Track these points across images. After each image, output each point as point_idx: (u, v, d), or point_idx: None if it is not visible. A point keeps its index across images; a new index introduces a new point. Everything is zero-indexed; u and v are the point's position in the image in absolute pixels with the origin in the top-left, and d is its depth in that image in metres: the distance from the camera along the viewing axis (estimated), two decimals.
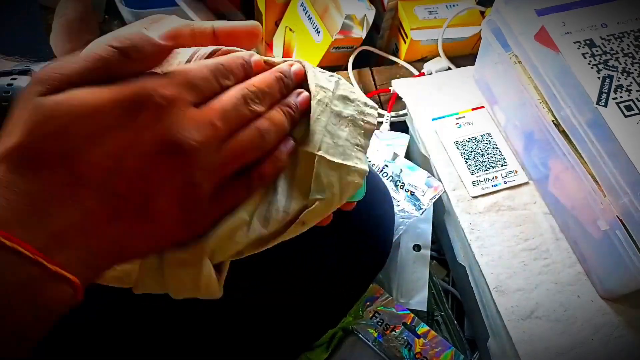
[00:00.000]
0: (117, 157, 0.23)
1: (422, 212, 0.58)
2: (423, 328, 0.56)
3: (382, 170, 0.61)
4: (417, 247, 0.60)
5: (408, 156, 0.76)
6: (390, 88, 0.77)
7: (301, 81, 0.33)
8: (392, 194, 0.58)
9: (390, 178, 0.60)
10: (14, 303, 0.21)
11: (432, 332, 0.56)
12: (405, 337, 0.54)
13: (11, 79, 0.35)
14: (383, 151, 0.63)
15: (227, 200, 0.28)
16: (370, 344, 0.54)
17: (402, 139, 0.69)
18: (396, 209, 0.56)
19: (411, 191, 0.59)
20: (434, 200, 0.59)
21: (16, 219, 0.21)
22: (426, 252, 0.60)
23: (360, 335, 0.54)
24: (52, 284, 0.21)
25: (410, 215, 0.57)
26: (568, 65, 0.50)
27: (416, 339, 0.55)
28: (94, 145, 0.23)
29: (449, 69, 0.78)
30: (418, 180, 0.60)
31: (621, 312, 0.50)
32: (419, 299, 0.58)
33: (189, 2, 0.84)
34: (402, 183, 0.60)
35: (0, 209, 0.21)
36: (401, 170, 0.61)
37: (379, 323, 0.55)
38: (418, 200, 0.58)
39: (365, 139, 0.33)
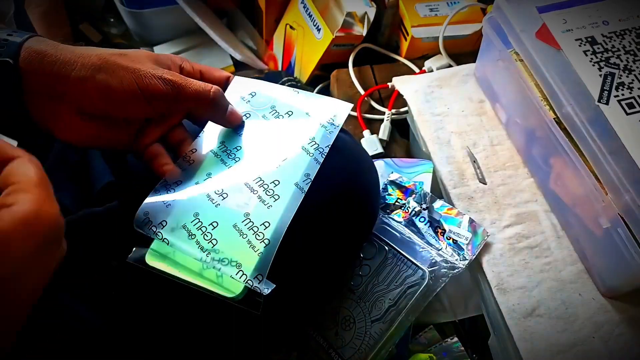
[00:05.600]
0: None
1: (468, 263, 0.52)
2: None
3: (419, 214, 0.56)
4: None
5: (411, 157, 0.76)
6: (389, 84, 0.77)
7: None
8: (432, 241, 0.54)
9: (429, 223, 0.56)
10: None
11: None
12: None
13: (7, 35, 0.35)
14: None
15: None
16: None
17: (424, 166, 0.62)
18: (438, 259, 0.52)
19: (453, 239, 0.54)
20: (479, 249, 0.53)
21: None
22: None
23: None
24: None
25: (454, 266, 0.52)
26: (569, 62, 0.49)
27: None
28: None
29: (450, 66, 0.78)
30: (459, 224, 0.55)
31: (623, 310, 0.50)
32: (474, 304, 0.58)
33: (189, 1, 0.84)
34: (443, 230, 0.55)
35: None
36: (441, 215, 0.56)
37: None
38: (462, 250, 0.53)
39: None
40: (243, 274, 0.37)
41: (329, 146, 0.43)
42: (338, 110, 0.46)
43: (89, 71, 0.35)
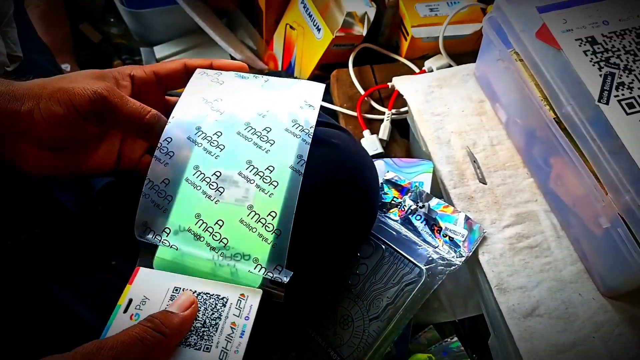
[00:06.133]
0: None
1: (464, 260, 0.53)
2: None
3: (414, 212, 0.56)
4: None
5: (411, 157, 0.76)
6: (389, 84, 0.77)
7: None
8: (428, 239, 0.54)
9: (425, 221, 0.56)
10: None
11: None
12: None
13: None
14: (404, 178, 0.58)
15: None
16: None
17: (424, 166, 0.63)
18: (435, 256, 0.52)
19: (450, 236, 0.54)
20: (475, 246, 0.54)
21: None
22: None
23: None
24: None
25: (451, 263, 0.52)
26: (569, 62, 0.49)
27: None
28: None
29: (450, 66, 0.78)
30: (455, 222, 0.55)
31: (623, 310, 0.50)
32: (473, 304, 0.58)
33: (189, 1, 0.84)
34: (440, 227, 0.55)
35: None
36: (437, 213, 0.56)
37: None
38: (458, 247, 0.53)
39: None
40: (262, 267, 0.37)
41: (314, 127, 0.42)
42: (311, 91, 0.44)
43: (34, 101, 0.35)
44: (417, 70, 0.82)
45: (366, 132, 0.75)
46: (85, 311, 0.40)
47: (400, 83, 0.69)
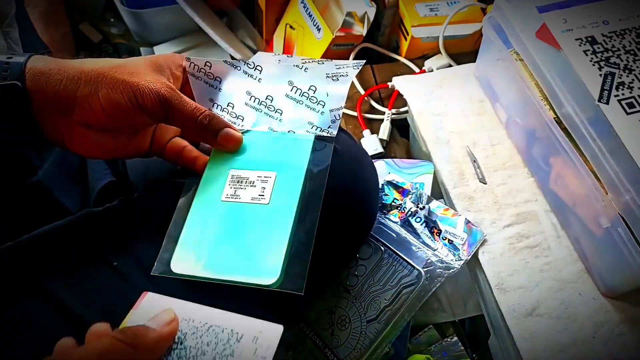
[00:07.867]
0: None
1: (463, 263, 0.52)
2: None
3: (415, 214, 0.56)
4: None
5: (411, 156, 0.76)
6: (389, 84, 0.77)
7: None
8: (428, 241, 0.54)
9: (425, 224, 0.56)
10: None
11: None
12: None
13: (7, 58, 0.36)
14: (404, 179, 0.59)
15: None
16: None
17: (425, 167, 0.63)
18: (433, 259, 0.52)
19: (449, 239, 0.54)
20: (475, 249, 0.53)
21: None
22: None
23: None
24: None
25: (450, 266, 0.52)
26: (569, 62, 0.49)
27: None
28: None
29: (450, 66, 0.78)
30: (455, 225, 0.55)
31: (623, 310, 0.50)
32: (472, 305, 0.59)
33: (189, 1, 0.84)
34: (439, 230, 0.55)
35: None
36: (437, 216, 0.56)
37: None
38: (457, 250, 0.53)
39: None
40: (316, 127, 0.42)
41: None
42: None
43: (92, 87, 0.36)
44: (417, 70, 0.82)
45: (366, 132, 0.75)
46: (86, 311, 0.40)
47: (400, 83, 0.69)
